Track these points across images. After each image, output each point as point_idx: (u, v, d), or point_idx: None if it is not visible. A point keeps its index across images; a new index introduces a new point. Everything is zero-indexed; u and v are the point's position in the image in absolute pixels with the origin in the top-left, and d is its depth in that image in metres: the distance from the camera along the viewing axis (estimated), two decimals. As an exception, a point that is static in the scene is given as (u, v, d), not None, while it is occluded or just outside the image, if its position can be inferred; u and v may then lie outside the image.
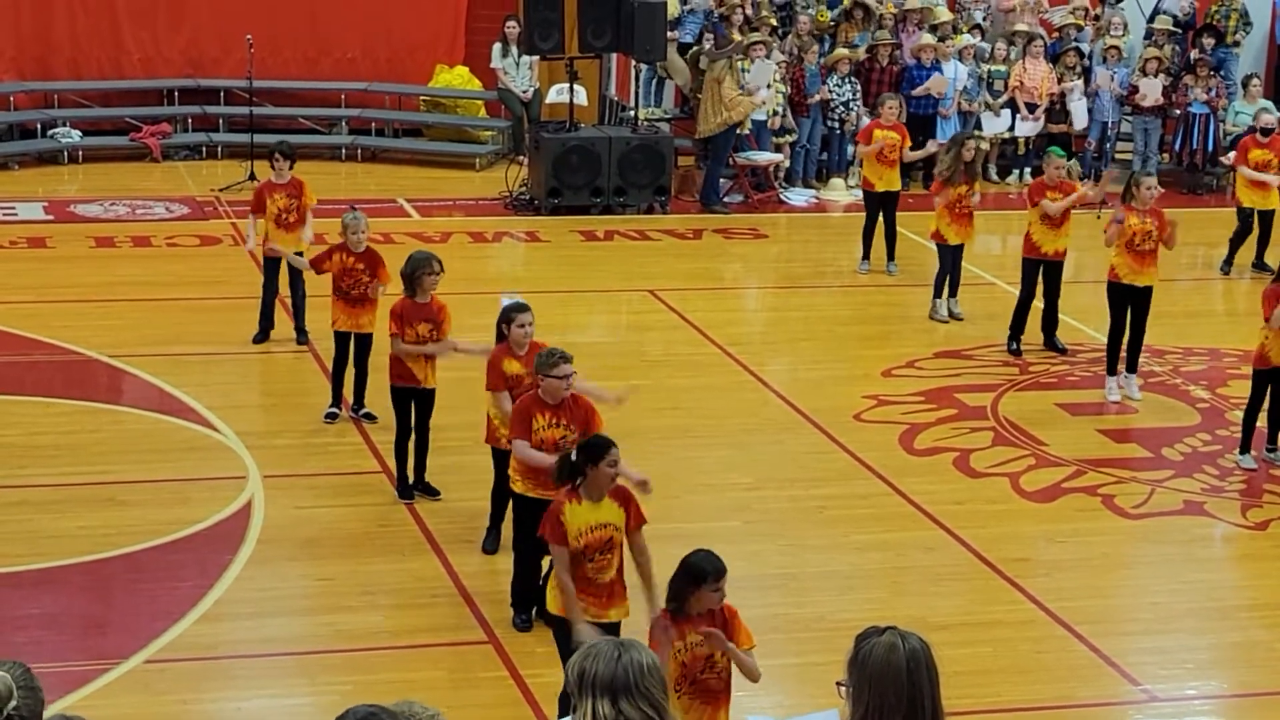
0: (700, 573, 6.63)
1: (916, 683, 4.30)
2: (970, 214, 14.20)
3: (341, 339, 11.61)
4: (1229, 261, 16.35)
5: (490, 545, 9.79)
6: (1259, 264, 16.18)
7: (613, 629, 7.55)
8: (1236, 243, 16.30)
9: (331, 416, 11.68)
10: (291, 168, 13.05)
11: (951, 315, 14.38)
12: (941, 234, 14.20)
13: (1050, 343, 13.68)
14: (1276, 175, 16.05)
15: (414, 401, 10.40)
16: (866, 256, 15.79)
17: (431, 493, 10.45)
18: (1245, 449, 11.48)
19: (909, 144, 15.86)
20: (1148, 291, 12.48)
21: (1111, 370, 12.68)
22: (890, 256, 15.73)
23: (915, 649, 4.33)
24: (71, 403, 11.98)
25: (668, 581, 6.78)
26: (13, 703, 4.07)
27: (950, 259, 14.30)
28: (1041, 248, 13.46)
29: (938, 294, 14.42)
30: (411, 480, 10.51)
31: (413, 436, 10.49)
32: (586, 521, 7.45)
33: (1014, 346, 13.60)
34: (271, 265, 12.99)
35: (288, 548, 9.82)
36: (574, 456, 7.50)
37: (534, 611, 8.80)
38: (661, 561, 9.55)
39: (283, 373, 12.74)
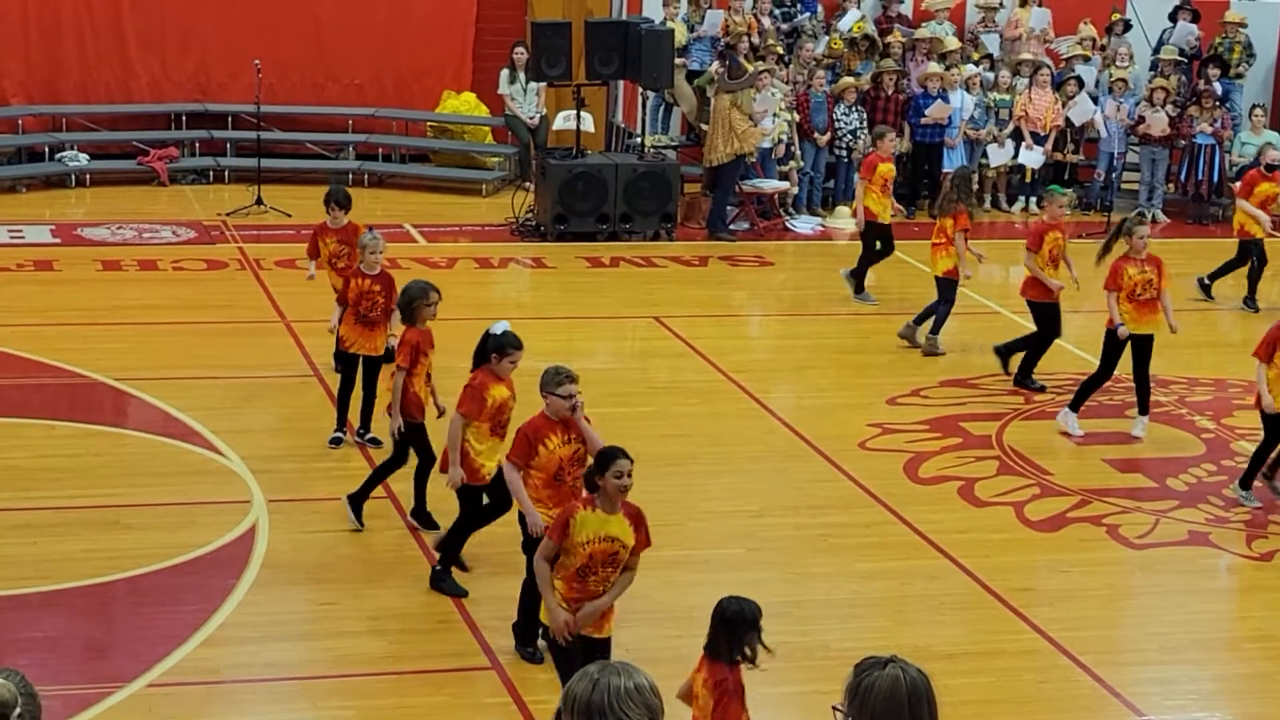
0: (753, 617, 6.58)
1: (918, 716, 4.29)
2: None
3: (351, 361, 11.60)
4: (1252, 296, 16.24)
5: (455, 588, 9.61)
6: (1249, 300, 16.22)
7: (604, 645, 7.60)
8: (1254, 277, 16.22)
9: (336, 441, 11.68)
10: (347, 214, 12.79)
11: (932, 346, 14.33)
12: (950, 270, 14.16)
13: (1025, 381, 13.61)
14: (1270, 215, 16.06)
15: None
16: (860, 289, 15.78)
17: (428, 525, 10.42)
18: (1246, 484, 11.41)
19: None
20: (1149, 339, 12.37)
21: (1075, 406, 12.57)
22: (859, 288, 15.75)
23: (915, 680, 4.31)
24: (76, 425, 11.99)
25: (716, 633, 6.60)
26: (16, 709, 4.08)
27: (953, 296, 14.23)
28: (1052, 290, 13.36)
29: (918, 321, 14.36)
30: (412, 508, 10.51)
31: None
32: (595, 531, 7.46)
33: (1030, 381, 13.51)
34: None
35: (291, 572, 9.82)
36: (591, 468, 7.57)
37: (540, 634, 8.77)
38: (667, 587, 9.57)
39: (288, 397, 12.74)
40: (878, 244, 15.68)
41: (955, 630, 9.44)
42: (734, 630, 6.55)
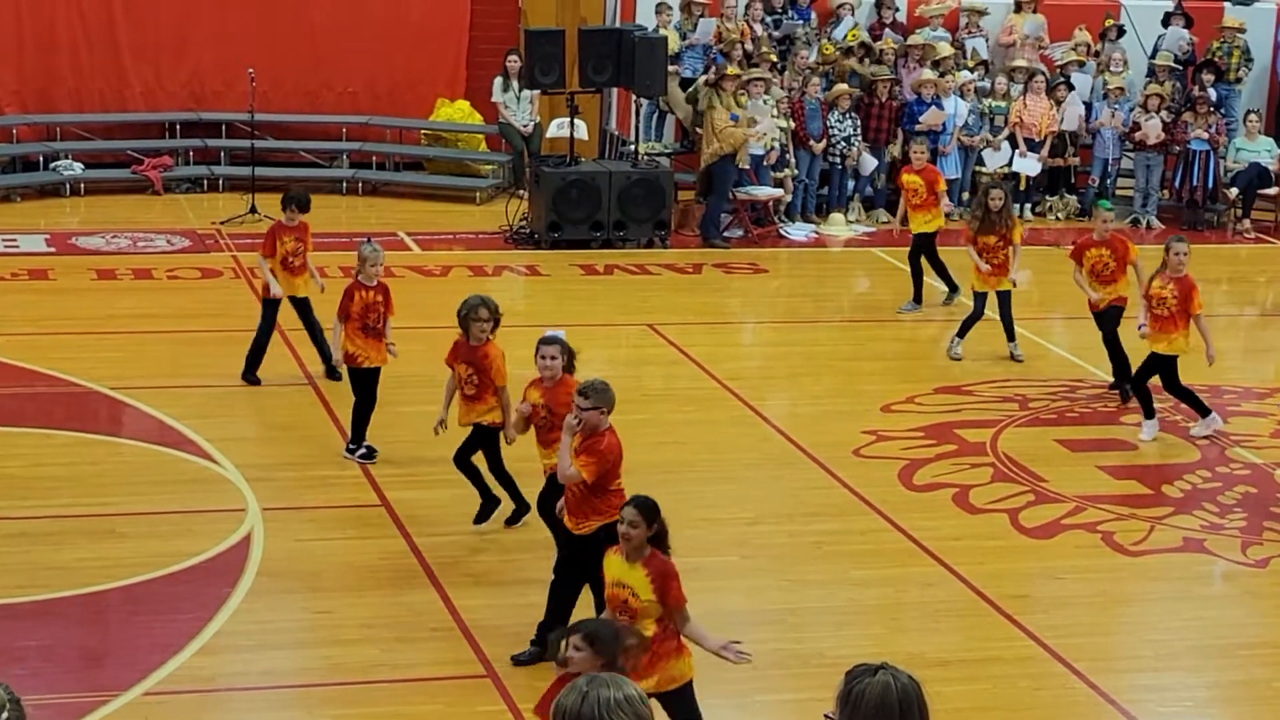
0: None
1: None
2: (1004, 264, 14.04)
3: (362, 376, 11.44)
4: None
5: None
6: None
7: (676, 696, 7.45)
8: None
9: (370, 453, 11.54)
10: (303, 214, 12.89)
11: (1013, 358, 14.25)
12: (972, 282, 14.18)
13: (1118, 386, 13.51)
14: None
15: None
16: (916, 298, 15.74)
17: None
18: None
19: (943, 185, 15.79)
20: (1156, 357, 12.38)
21: (1149, 414, 12.58)
22: (916, 299, 15.66)
23: (907, 687, 4.32)
24: (72, 434, 11.98)
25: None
26: (4, 714, 4.09)
27: (982, 305, 14.22)
28: (1093, 302, 13.32)
29: (960, 334, 14.32)
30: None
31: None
32: (612, 575, 7.43)
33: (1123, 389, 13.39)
34: (272, 306, 12.93)
35: (287, 580, 9.81)
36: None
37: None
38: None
39: (282, 406, 12.74)
40: (921, 256, 15.61)
41: (950, 637, 9.44)
42: None
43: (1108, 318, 13.27)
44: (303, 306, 12.96)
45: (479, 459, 10.41)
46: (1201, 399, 12.57)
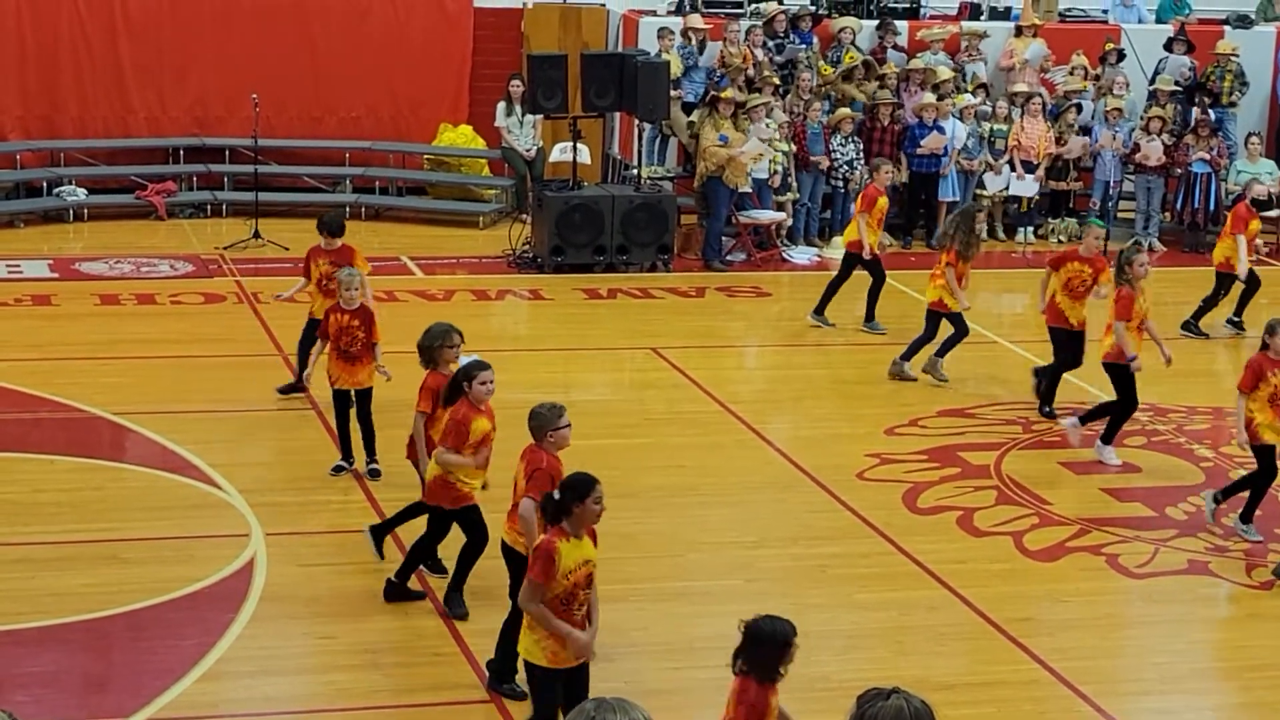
0: (785, 637, 6.66)
1: None
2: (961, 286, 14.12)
3: (341, 396, 11.67)
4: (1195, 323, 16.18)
5: (459, 610, 9.67)
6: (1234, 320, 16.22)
7: (582, 671, 7.62)
8: (1244, 299, 16.19)
9: (338, 469, 11.69)
10: (339, 239, 12.94)
11: (937, 375, 14.31)
12: (945, 303, 14.16)
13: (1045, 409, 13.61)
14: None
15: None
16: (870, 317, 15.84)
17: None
18: (1247, 519, 11.38)
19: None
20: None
21: (1107, 439, 12.57)
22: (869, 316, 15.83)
23: (920, 711, 4.32)
24: (74, 460, 11.98)
25: (744, 652, 6.67)
26: None
27: (936, 326, 14.25)
28: (1068, 317, 13.36)
29: (941, 353, 14.35)
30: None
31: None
32: (574, 559, 7.47)
33: (1048, 410, 13.51)
34: (311, 325, 12.91)
35: (289, 606, 9.80)
36: (557, 495, 7.52)
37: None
38: (665, 619, 9.56)
39: (285, 430, 12.74)
40: (867, 273, 15.72)
41: (955, 661, 9.42)
42: (762, 646, 6.64)
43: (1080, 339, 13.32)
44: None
45: None
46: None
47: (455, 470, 9.40)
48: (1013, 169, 19.83)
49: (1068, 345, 13.40)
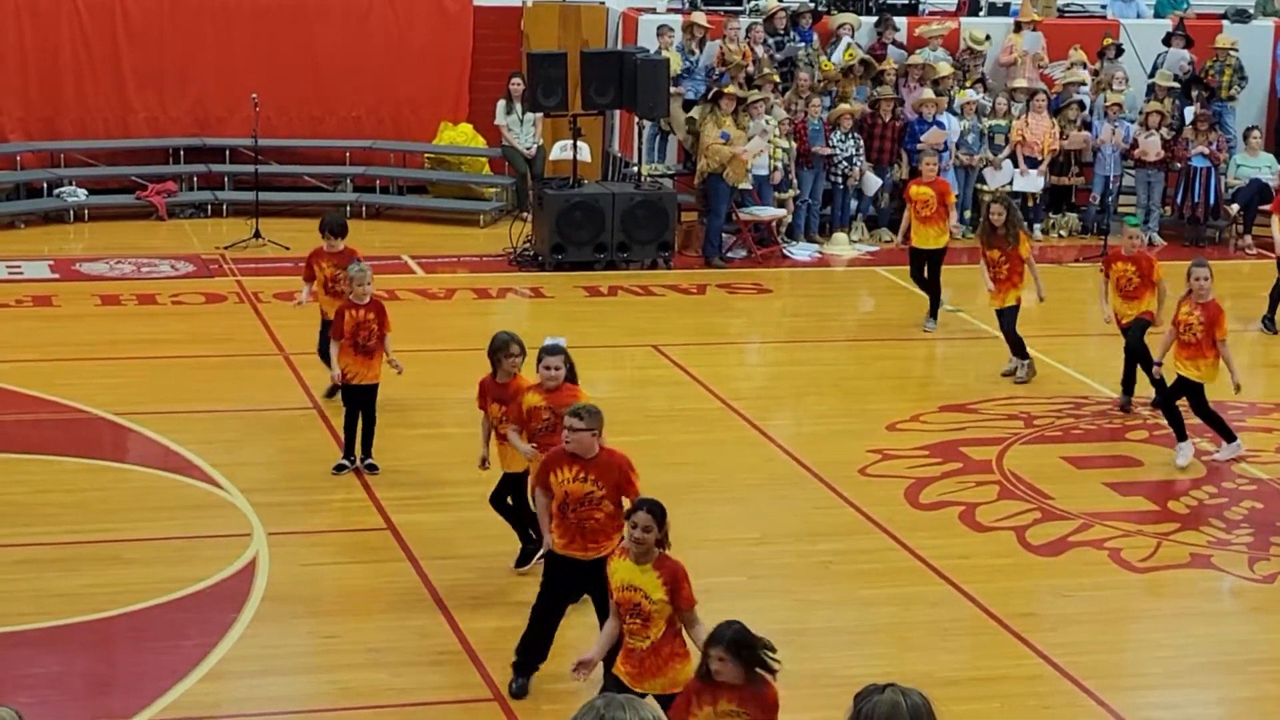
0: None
1: None
2: (1008, 278, 14.01)
3: (355, 393, 11.60)
4: (1270, 318, 16.03)
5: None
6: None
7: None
8: (1276, 297, 16.10)
9: (340, 468, 11.68)
10: (342, 241, 12.86)
11: (1009, 375, 14.25)
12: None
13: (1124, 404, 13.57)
14: None
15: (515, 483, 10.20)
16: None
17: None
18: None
19: (952, 198, 15.85)
20: (1184, 382, 12.28)
21: (1181, 435, 12.47)
22: (932, 314, 15.69)
23: (917, 705, 4.32)
24: (77, 461, 11.98)
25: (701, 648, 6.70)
26: None
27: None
28: (1119, 317, 13.33)
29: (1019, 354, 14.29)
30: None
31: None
32: (621, 579, 7.44)
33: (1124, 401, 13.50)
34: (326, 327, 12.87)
35: (292, 605, 9.80)
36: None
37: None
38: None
39: (287, 429, 12.74)
40: (924, 270, 15.62)
41: (958, 656, 9.42)
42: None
43: (1134, 327, 13.28)
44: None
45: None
46: (1228, 425, 12.51)
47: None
48: (1015, 165, 19.81)
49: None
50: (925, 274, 15.63)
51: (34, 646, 9.19)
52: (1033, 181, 19.78)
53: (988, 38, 20.41)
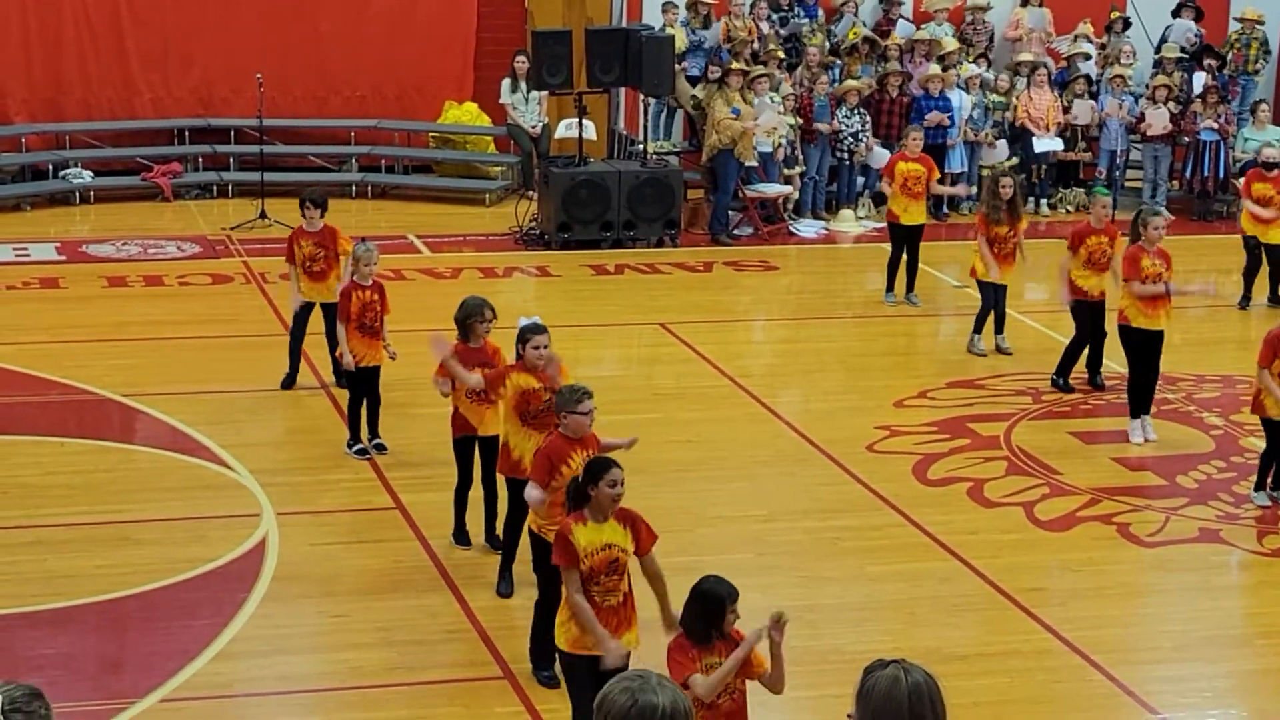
0: (718, 599, 6.67)
1: (919, 715, 4.29)
2: (1011, 253, 14.02)
3: (364, 375, 11.58)
4: (1246, 297, 16.06)
5: (504, 588, 9.69)
6: (1275, 299, 16.08)
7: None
8: (1249, 277, 16.12)
9: (363, 452, 11.63)
10: (323, 215, 12.78)
11: (999, 350, 14.26)
12: (975, 269, 14.16)
13: (1093, 380, 13.49)
14: (1276, 211, 15.88)
15: (477, 450, 10.19)
16: (891, 289, 15.71)
17: (499, 546, 10.02)
18: (1260, 486, 11.37)
19: (936, 175, 15.86)
20: (1159, 335, 12.29)
21: (1135, 413, 12.47)
22: (910, 288, 15.69)
23: (918, 683, 4.31)
24: (85, 442, 12.00)
25: (682, 609, 6.80)
26: (41, 708, 4.08)
27: (990, 296, 14.20)
28: (1088, 289, 13.24)
29: (977, 329, 14.32)
30: (485, 535, 10.29)
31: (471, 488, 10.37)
32: (592, 542, 7.45)
33: (1061, 381, 13.44)
34: (302, 312, 12.89)
35: (302, 585, 9.82)
36: (580, 479, 7.53)
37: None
38: (677, 594, 9.53)
39: (296, 410, 12.75)
40: (904, 246, 15.60)
41: (967, 631, 9.43)
42: (694, 606, 6.77)
43: (1101, 308, 13.24)
44: (330, 313, 12.87)
45: None
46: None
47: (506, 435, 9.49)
48: (1012, 142, 19.75)
49: (1088, 318, 13.29)
50: (906, 251, 15.61)
51: (45, 627, 9.21)
52: (1053, 142, 19.67)
53: (990, 6, 20.36)
